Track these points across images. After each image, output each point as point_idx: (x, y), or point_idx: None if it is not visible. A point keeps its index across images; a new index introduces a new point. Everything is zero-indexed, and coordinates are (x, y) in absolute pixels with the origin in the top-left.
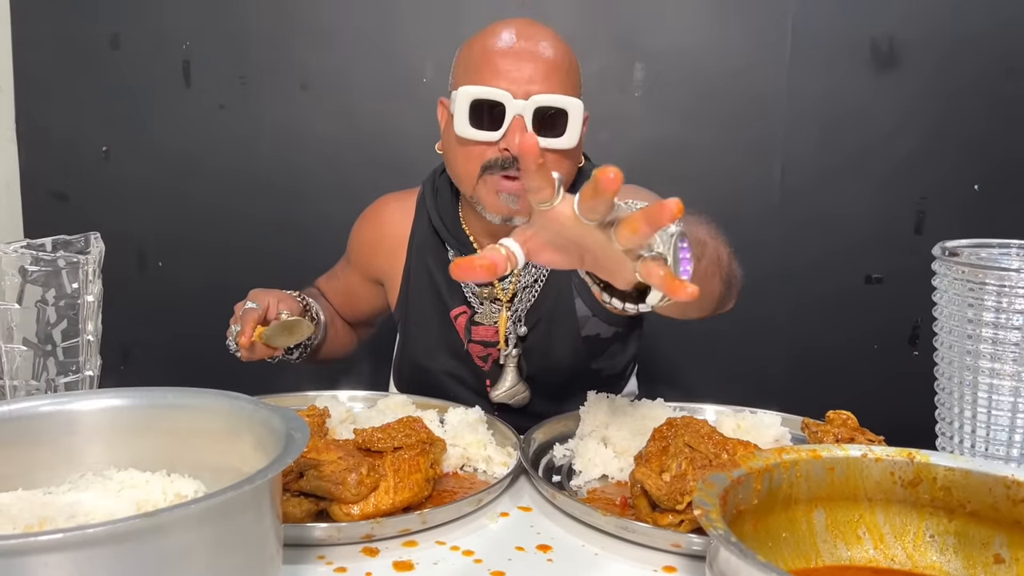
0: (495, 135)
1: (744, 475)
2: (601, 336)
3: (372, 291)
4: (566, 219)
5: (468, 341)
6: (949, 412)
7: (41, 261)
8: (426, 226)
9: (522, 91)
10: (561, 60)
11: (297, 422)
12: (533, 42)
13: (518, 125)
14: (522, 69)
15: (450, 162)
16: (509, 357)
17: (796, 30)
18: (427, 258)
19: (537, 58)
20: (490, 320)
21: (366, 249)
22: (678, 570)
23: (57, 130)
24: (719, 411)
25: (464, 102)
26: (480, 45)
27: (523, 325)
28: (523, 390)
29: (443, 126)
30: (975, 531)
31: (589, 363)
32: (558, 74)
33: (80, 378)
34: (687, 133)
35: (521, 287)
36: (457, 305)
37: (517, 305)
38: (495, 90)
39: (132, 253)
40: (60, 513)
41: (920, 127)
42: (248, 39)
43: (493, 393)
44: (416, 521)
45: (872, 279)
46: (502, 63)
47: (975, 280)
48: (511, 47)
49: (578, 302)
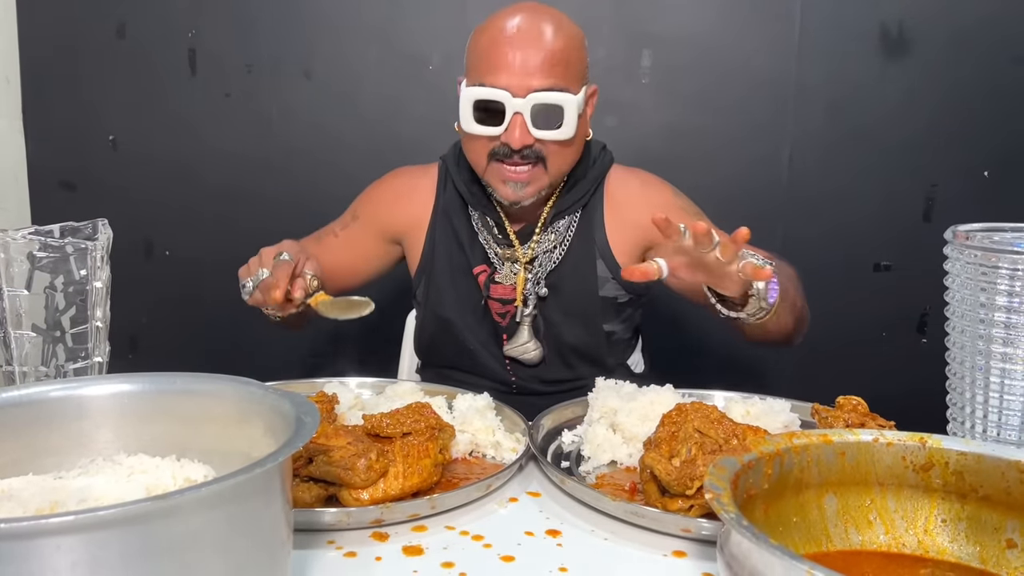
0: (497, 130)
1: (755, 459)
2: (617, 300)
3: (382, 250)
4: (693, 249)
5: (486, 298)
6: (961, 397)
7: (49, 247)
8: (451, 190)
9: (522, 87)
10: (563, 48)
11: (307, 407)
12: (537, 31)
13: (518, 121)
14: (523, 60)
15: (464, 146)
16: (525, 315)
17: (804, 15)
18: (452, 218)
19: (540, 48)
20: (509, 280)
21: (387, 207)
22: (688, 555)
23: (64, 119)
24: (728, 397)
25: (468, 102)
26: (487, 38)
27: (544, 286)
28: (534, 348)
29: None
30: (987, 516)
31: (602, 324)
32: (558, 66)
33: (89, 364)
34: (694, 120)
35: (542, 251)
36: (479, 263)
37: (537, 268)
38: (495, 90)
39: (139, 241)
40: (71, 497)
41: (929, 113)
42: (254, 28)
43: (506, 347)
44: (425, 506)
45: (881, 266)
46: (505, 54)
47: (988, 264)
48: (513, 38)
49: (599, 264)
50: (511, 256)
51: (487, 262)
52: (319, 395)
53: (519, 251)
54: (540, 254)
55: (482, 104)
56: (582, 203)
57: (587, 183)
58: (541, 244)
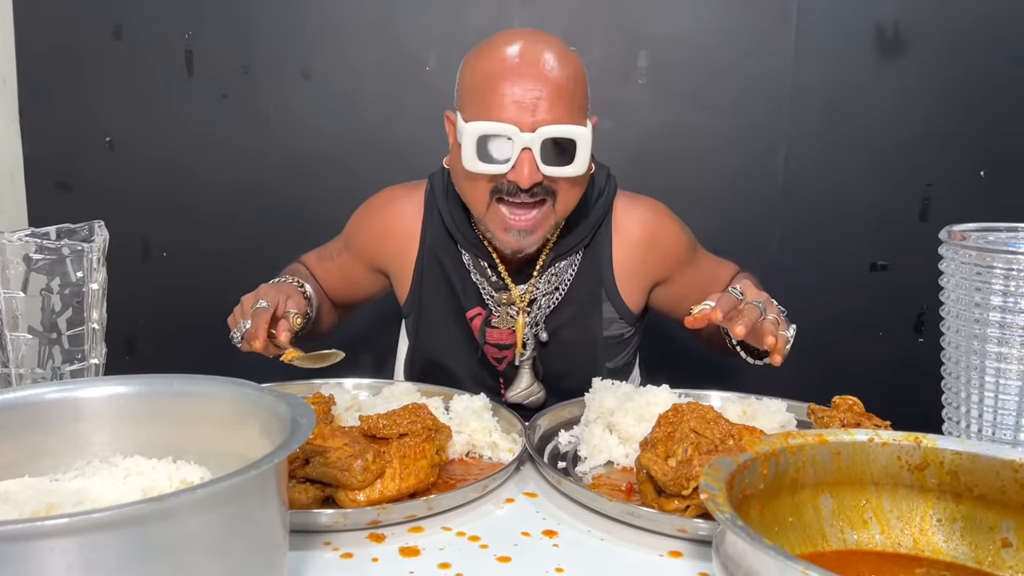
0: (503, 168)
1: (750, 460)
2: (623, 336)
3: (372, 279)
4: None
5: (483, 343)
6: (956, 396)
7: (45, 249)
8: (439, 225)
9: (529, 123)
10: (567, 81)
11: (303, 408)
12: (538, 65)
13: (526, 158)
14: (527, 97)
15: (459, 186)
16: (524, 359)
17: (800, 15)
18: (441, 257)
19: (543, 82)
20: (506, 324)
21: (373, 240)
22: (684, 555)
23: (60, 121)
24: (724, 397)
25: (471, 138)
26: (484, 70)
27: (544, 331)
28: (538, 391)
29: (451, 141)
30: (982, 515)
31: (605, 363)
32: (564, 98)
33: (85, 366)
34: (691, 120)
35: (541, 294)
36: (473, 306)
37: (536, 311)
38: (502, 125)
39: (136, 242)
40: (67, 499)
41: (925, 113)
42: (250, 28)
43: (508, 394)
44: (422, 507)
45: (877, 266)
46: (507, 92)
47: (983, 264)
48: (515, 72)
49: (606, 306)
50: (507, 300)
51: (481, 304)
52: (316, 396)
53: (515, 294)
54: (539, 296)
55: (486, 140)
56: (584, 243)
57: (591, 221)
58: (540, 287)
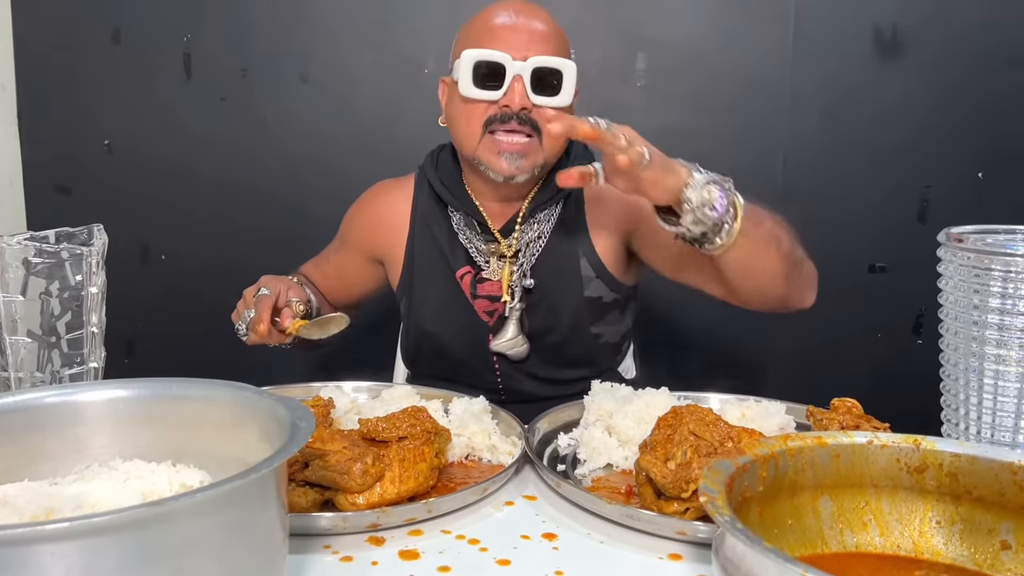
0: (496, 94)
1: (749, 462)
2: (603, 300)
3: (369, 271)
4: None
5: (474, 297)
6: (955, 398)
7: (45, 253)
8: (427, 197)
9: (520, 54)
10: (554, 32)
11: (302, 411)
12: (527, 17)
13: (518, 84)
14: (519, 34)
15: (453, 126)
16: (513, 311)
17: (799, 18)
18: (431, 225)
19: (533, 29)
20: (497, 276)
21: (366, 229)
22: (684, 558)
23: (59, 124)
24: (723, 400)
25: (468, 64)
26: (480, 20)
27: (529, 278)
28: (522, 343)
29: (444, 101)
30: (981, 517)
31: (589, 326)
32: (551, 41)
33: (85, 370)
34: (689, 122)
35: (524, 243)
36: (461, 265)
37: (522, 260)
38: (496, 52)
39: (135, 246)
40: (66, 504)
41: (923, 115)
42: (249, 31)
43: (493, 343)
44: (422, 510)
45: (876, 268)
46: (500, 31)
47: (981, 266)
48: (509, 21)
49: (583, 262)
50: (496, 251)
51: (471, 263)
52: (315, 399)
53: (503, 245)
54: (523, 246)
55: (482, 67)
56: (562, 195)
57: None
58: (523, 236)
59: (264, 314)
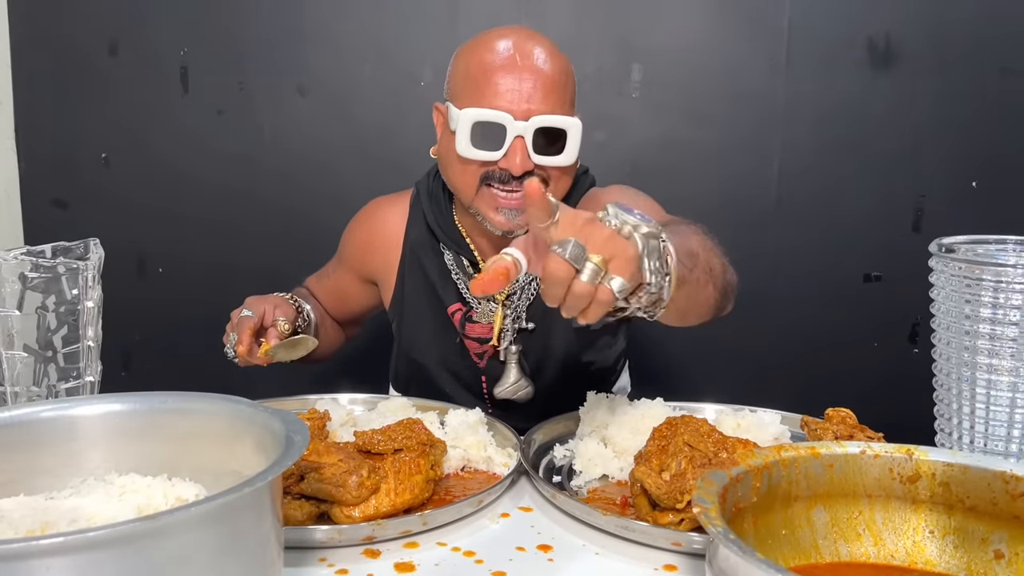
0: (496, 155)
1: (743, 473)
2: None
3: (364, 290)
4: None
5: (462, 334)
6: (947, 408)
7: (41, 267)
8: (421, 226)
9: (522, 111)
10: (559, 75)
11: (297, 425)
12: (531, 58)
13: (519, 146)
14: (522, 87)
15: (448, 173)
16: (510, 353)
17: (793, 29)
18: (422, 258)
19: (536, 74)
20: (486, 318)
21: (360, 249)
22: (679, 569)
23: (56, 138)
24: (719, 410)
25: (466, 124)
26: (478, 61)
27: (527, 320)
28: (526, 385)
29: (439, 132)
30: (974, 527)
31: (580, 356)
32: (556, 92)
33: (81, 384)
34: (684, 133)
35: (519, 286)
36: (452, 302)
37: (516, 302)
38: (497, 112)
39: (132, 259)
40: (62, 518)
41: (917, 125)
42: (246, 45)
43: (496, 390)
44: (417, 522)
45: (871, 277)
46: (502, 82)
47: (972, 276)
48: (509, 63)
49: None
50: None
51: (461, 300)
52: (311, 412)
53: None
54: (518, 288)
55: (480, 127)
56: None
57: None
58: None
59: (244, 336)
